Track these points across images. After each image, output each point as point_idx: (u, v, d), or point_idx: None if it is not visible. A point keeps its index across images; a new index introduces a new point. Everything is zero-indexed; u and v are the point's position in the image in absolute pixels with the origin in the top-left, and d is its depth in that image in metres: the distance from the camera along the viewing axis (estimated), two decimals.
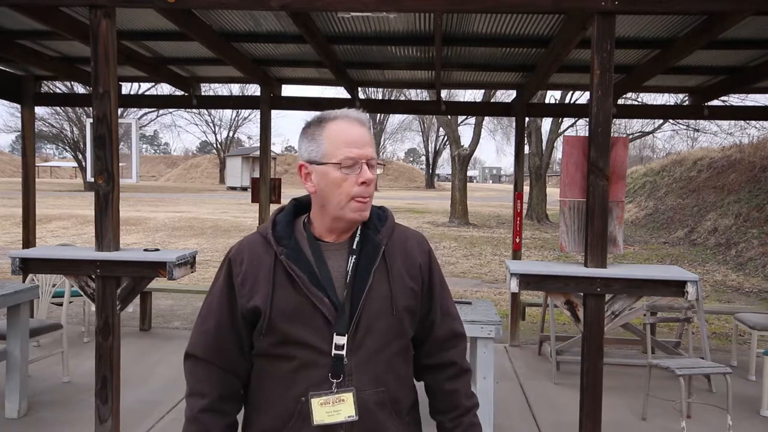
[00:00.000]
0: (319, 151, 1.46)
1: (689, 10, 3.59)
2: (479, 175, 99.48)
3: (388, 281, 1.47)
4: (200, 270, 10.92)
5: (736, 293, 10.15)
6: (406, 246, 1.54)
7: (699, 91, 6.66)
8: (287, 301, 1.43)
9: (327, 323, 1.42)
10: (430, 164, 54.11)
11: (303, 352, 1.43)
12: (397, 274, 1.49)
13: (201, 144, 70.72)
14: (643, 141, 38.79)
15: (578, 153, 3.57)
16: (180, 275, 3.68)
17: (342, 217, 1.47)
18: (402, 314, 1.48)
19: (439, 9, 3.62)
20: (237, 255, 1.51)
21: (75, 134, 35.78)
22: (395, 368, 1.48)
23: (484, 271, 11.91)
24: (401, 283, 1.49)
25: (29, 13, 3.94)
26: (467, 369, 1.62)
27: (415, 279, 1.52)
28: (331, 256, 1.49)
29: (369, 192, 1.45)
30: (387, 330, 1.46)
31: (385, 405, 1.45)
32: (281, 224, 1.53)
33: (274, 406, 1.46)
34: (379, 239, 1.50)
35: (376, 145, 1.52)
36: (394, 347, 1.48)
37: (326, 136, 1.45)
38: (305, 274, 1.43)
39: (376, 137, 50.66)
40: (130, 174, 4.36)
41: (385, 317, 1.46)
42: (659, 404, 4.66)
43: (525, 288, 3.61)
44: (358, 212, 1.45)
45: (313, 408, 1.41)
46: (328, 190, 1.45)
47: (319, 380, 1.41)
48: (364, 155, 1.44)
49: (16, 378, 4.19)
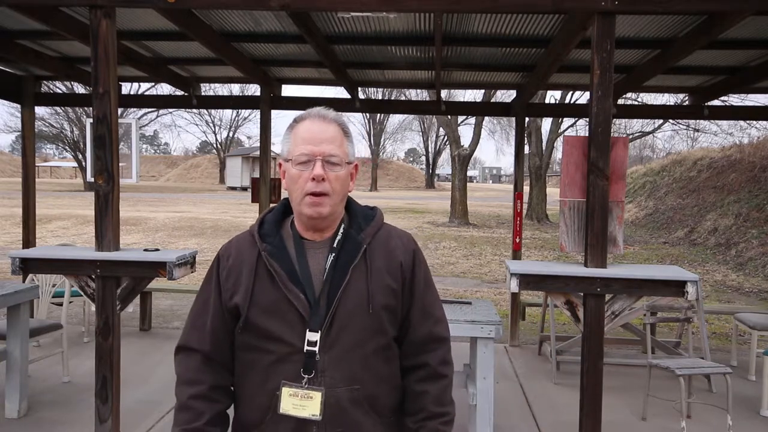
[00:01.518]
0: (285, 149, 1.52)
1: (689, 10, 3.59)
2: (479, 175, 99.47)
3: (366, 279, 1.48)
4: (200, 270, 10.91)
5: (736, 293, 10.15)
6: (390, 245, 1.55)
7: (699, 91, 6.65)
8: (265, 297, 1.47)
9: (301, 319, 1.44)
10: (430, 164, 54.11)
11: (278, 347, 1.45)
12: (376, 272, 1.49)
13: (201, 144, 70.79)
14: (643, 141, 38.81)
15: (578, 153, 3.57)
16: (180, 275, 3.68)
17: (300, 212, 1.50)
18: (379, 312, 1.47)
19: (439, 9, 3.62)
20: (224, 251, 1.58)
21: (75, 134, 35.79)
22: (372, 366, 1.47)
23: (484, 271, 11.91)
24: (380, 281, 1.49)
25: (29, 13, 3.94)
26: (443, 374, 1.56)
27: (395, 277, 1.52)
28: (313, 254, 1.51)
29: (322, 188, 1.45)
30: (363, 328, 1.46)
31: (360, 403, 1.46)
32: (269, 223, 1.57)
33: (254, 399, 1.49)
34: (361, 238, 1.52)
35: (346, 143, 1.53)
36: (371, 345, 1.47)
37: (292, 135, 1.51)
38: (284, 271, 1.47)
39: (376, 137, 50.69)
40: (130, 174, 4.36)
41: (361, 315, 1.46)
42: (659, 404, 4.66)
43: (525, 288, 3.61)
44: (312, 208, 1.46)
45: (282, 396, 1.43)
46: (289, 187, 1.51)
47: (292, 375, 1.44)
48: (317, 152, 1.46)
49: (16, 378, 4.19)
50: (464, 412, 3.80)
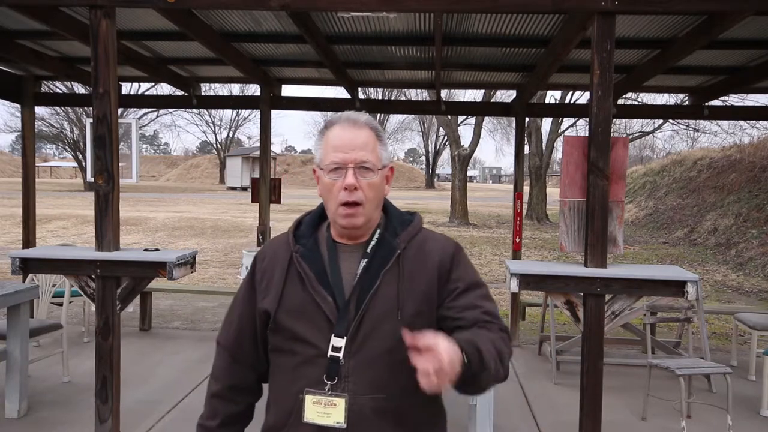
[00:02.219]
0: (318, 156, 1.48)
1: (689, 10, 3.59)
2: (479, 175, 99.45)
3: (397, 285, 1.42)
4: (200, 270, 10.92)
5: (736, 293, 10.15)
6: (425, 248, 1.48)
7: (699, 91, 6.65)
8: (294, 299, 1.44)
9: (329, 323, 1.40)
10: (430, 164, 54.09)
11: (304, 349, 1.42)
12: (409, 277, 1.43)
13: (201, 144, 70.80)
14: (643, 141, 38.79)
15: (578, 153, 3.57)
16: (180, 275, 3.68)
17: (335, 222, 1.47)
18: (410, 320, 1.39)
19: (439, 9, 3.63)
20: (261, 253, 1.59)
21: (75, 134, 35.78)
22: (400, 376, 1.37)
23: (484, 271, 11.91)
24: (413, 287, 1.43)
25: (29, 13, 3.94)
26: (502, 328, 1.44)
27: (431, 281, 1.44)
28: (347, 257, 1.47)
29: (355, 198, 1.41)
30: (392, 334, 1.37)
31: (384, 414, 1.38)
32: (306, 224, 1.56)
33: (279, 401, 1.48)
34: (396, 243, 1.46)
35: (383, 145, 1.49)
36: (400, 353, 1.30)
37: (324, 141, 1.47)
38: (313, 273, 1.44)
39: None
40: (130, 174, 4.36)
41: (391, 321, 1.39)
42: (659, 404, 4.66)
43: (525, 288, 3.61)
44: (345, 219, 1.43)
45: (305, 405, 1.40)
46: (324, 195, 1.47)
47: (315, 379, 1.39)
48: (349, 159, 1.41)
49: (16, 378, 4.19)
50: (464, 412, 3.80)
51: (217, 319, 7.33)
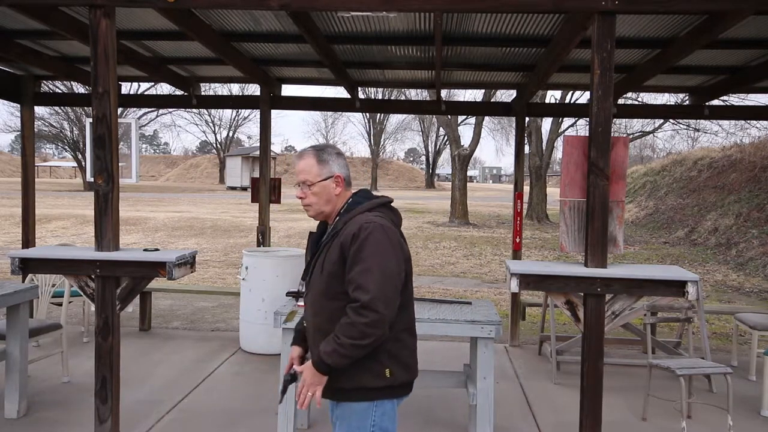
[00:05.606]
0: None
1: (689, 9, 3.58)
2: (479, 175, 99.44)
3: (326, 252, 2.14)
4: (200, 270, 10.92)
5: (737, 293, 10.14)
6: (346, 229, 2.10)
7: (699, 91, 6.65)
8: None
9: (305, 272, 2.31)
10: (430, 164, 54.10)
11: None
12: (332, 249, 2.11)
13: (201, 144, 70.82)
14: (643, 141, 38.79)
15: (578, 153, 3.57)
16: (180, 275, 3.68)
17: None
18: (326, 275, 2.11)
19: (439, 9, 3.62)
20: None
21: (75, 134, 35.79)
22: (326, 308, 2.12)
23: (484, 271, 11.91)
24: (332, 255, 2.10)
25: (29, 12, 3.94)
26: (356, 313, 2.01)
27: (342, 252, 2.07)
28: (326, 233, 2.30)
29: (304, 202, 2.23)
30: (319, 282, 2.15)
31: (319, 330, 2.14)
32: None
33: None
34: (337, 222, 2.17)
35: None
36: (324, 294, 2.12)
37: None
38: (310, 242, 2.34)
39: (376, 137, 50.78)
40: (130, 174, 4.36)
41: (319, 274, 2.15)
42: (659, 404, 4.66)
43: (525, 288, 3.60)
44: (306, 212, 2.28)
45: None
46: None
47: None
48: (298, 180, 2.23)
49: (15, 378, 4.19)
50: (464, 412, 3.80)
51: (217, 319, 7.33)
